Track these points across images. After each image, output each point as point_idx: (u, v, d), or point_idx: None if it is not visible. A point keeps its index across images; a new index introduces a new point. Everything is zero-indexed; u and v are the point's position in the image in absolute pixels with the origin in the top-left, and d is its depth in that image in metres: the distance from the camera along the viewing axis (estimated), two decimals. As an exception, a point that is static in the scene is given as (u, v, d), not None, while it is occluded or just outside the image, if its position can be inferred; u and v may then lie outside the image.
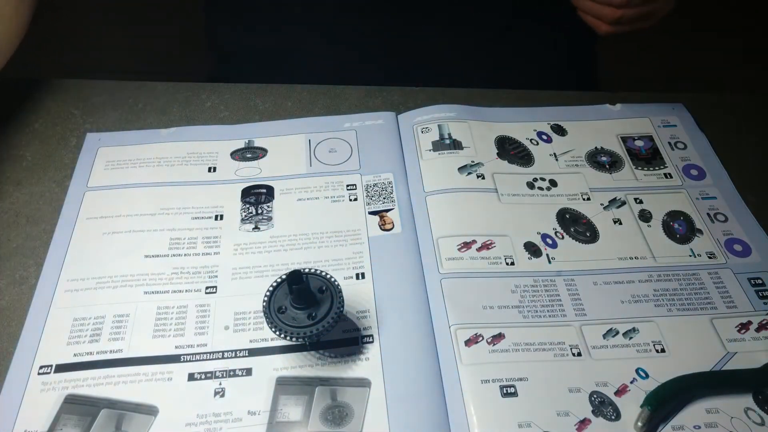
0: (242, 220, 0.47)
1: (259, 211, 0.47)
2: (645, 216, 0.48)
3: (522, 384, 0.38)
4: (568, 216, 0.48)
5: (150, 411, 0.37)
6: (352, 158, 0.51)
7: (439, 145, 0.52)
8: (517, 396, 0.37)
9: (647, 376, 0.39)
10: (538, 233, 0.46)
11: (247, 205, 0.48)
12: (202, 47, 0.72)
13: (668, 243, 0.46)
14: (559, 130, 0.54)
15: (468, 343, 0.40)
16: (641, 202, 0.49)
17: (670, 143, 0.53)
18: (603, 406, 0.37)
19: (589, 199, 0.49)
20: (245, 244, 0.45)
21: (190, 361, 0.39)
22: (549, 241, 0.46)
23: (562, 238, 0.46)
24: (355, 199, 0.48)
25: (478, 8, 0.61)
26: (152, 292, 0.42)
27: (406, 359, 0.39)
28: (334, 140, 0.53)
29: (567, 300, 0.42)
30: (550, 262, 0.45)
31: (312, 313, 0.37)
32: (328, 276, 0.39)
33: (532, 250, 0.45)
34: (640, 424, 0.36)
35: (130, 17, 0.54)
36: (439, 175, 0.50)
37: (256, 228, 0.46)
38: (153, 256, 0.44)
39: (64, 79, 0.58)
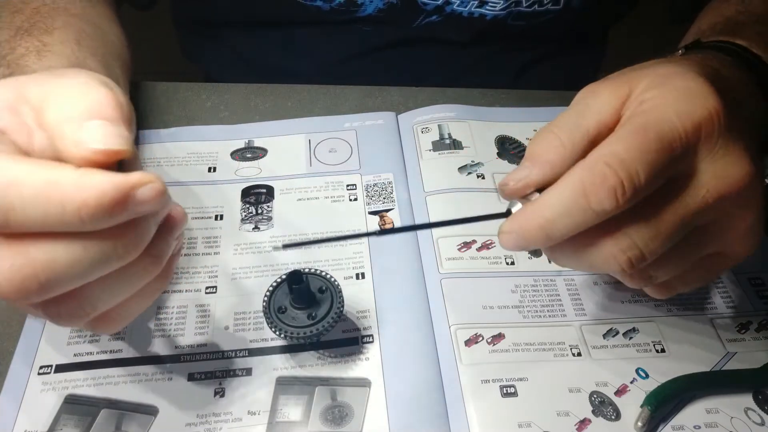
0: (242, 220, 0.47)
1: (259, 211, 0.47)
2: (645, 216, 0.48)
3: (522, 384, 0.38)
4: (568, 216, 0.47)
5: (150, 411, 0.37)
6: (352, 158, 0.51)
7: (439, 145, 0.52)
8: (517, 396, 0.37)
9: (647, 376, 0.39)
10: (538, 233, 0.46)
11: (247, 205, 0.48)
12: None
13: (668, 243, 0.46)
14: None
15: (468, 343, 0.40)
16: (641, 202, 0.49)
17: (670, 143, 0.53)
18: (603, 406, 0.37)
19: (589, 199, 0.49)
20: (245, 244, 0.45)
21: (190, 361, 0.39)
22: (549, 241, 0.46)
23: (562, 238, 0.46)
24: (355, 199, 0.48)
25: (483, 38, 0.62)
26: (152, 292, 0.42)
27: (406, 359, 0.39)
28: (334, 140, 0.53)
29: (567, 300, 0.42)
30: (550, 261, 0.44)
31: (312, 313, 0.37)
32: (328, 276, 0.39)
33: (533, 249, 0.45)
34: (640, 424, 0.36)
35: (129, 17, 0.54)
36: (439, 175, 0.50)
37: (256, 228, 0.46)
38: (153, 256, 0.44)
39: (64, 79, 0.58)
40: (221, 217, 0.47)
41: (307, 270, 0.39)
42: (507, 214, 0.33)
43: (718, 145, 0.29)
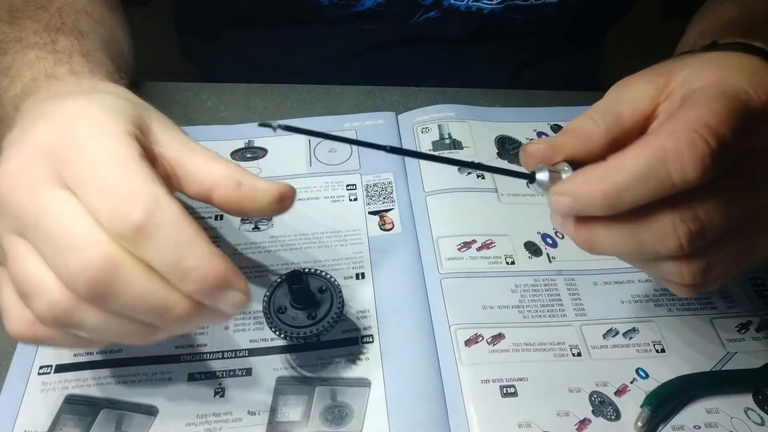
0: (242, 220, 0.47)
1: (259, 211, 0.47)
2: (645, 216, 0.48)
3: (522, 384, 0.38)
4: (568, 216, 0.47)
5: (150, 411, 0.37)
6: (352, 158, 0.51)
7: (439, 145, 0.52)
8: (517, 396, 0.37)
9: (647, 376, 0.39)
10: (538, 233, 0.46)
11: (247, 205, 0.48)
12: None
13: (668, 243, 0.46)
14: (559, 131, 0.54)
15: (468, 343, 0.40)
16: (641, 202, 0.49)
17: (670, 143, 0.53)
18: (603, 406, 0.37)
19: (589, 199, 0.49)
20: (245, 244, 0.45)
21: (190, 361, 0.39)
22: (549, 240, 0.46)
23: (563, 237, 0.46)
24: (355, 199, 0.48)
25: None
26: (152, 292, 0.42)
27: (406, 359, 0.39)
28: (334, 140, 0.53)
29: (567, 300, 0.42)
30: (550, 261, 0.45)
31: (312, 313, 0.37)
32: (328, 276, 0.39)
33: (533, 249, 0.45)
34: (640, 424, 0.36)
35: (129, 17, 0.54)
36: (439, 175, 0.50)
37: (256, 228, 0.46)
38: (153, 256, 0.44)
39: (64, 79, 0.58)
40: (221, 217, 0.47)
41: (307, 270, 0.39)
42: (531, 177, 0.31)
43: None
